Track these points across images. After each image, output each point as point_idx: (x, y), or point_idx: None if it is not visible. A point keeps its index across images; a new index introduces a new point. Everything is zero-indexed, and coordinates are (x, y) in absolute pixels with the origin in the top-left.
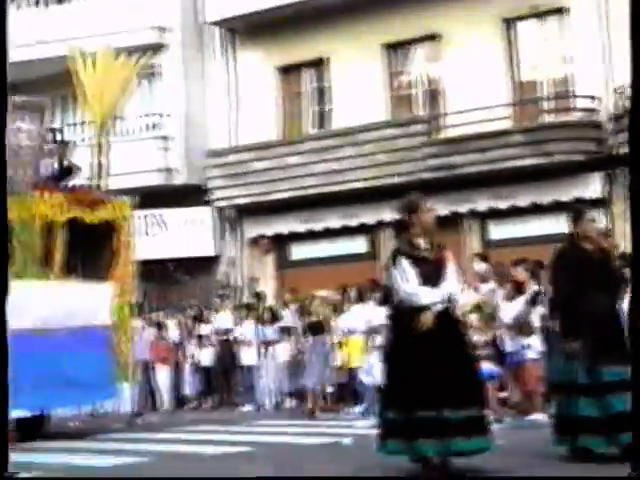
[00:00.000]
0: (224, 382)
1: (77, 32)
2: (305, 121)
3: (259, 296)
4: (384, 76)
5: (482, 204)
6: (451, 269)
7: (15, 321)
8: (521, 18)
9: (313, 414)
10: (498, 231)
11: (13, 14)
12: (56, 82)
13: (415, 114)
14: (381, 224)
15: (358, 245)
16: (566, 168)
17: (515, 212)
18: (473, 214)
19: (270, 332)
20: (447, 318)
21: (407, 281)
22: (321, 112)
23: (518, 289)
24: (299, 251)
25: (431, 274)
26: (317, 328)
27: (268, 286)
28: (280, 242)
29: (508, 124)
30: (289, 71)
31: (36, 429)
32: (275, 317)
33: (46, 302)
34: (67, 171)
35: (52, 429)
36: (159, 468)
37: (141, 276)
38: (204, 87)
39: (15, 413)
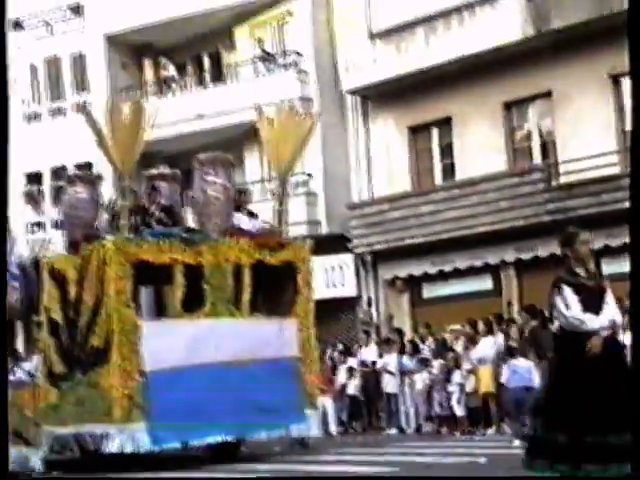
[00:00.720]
0: (369, 408)
1: (232, 106)
2: (434, 173)
3: (400, 331)
4: (503, 130)
5: (597, 243)
6: (610, 296)
7: (211, 354)
8: (625, 74)
9: None
10: (612, 267)
11: (178, 95)
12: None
13: (532, 163)
14: (504, 264)
15: (483, 283)
16: None
17: (627, 249)
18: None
19: (410, 363)
20: (612, 343)
21: (570, 308)
22: (448, 165)
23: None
24: (430, 290)
25: (592, 301)
26: None
27: (404, 322)
28: (413, 282)
29: (617, 169)
30: (418, 130)
31: (231, 453)
32: (415, 349)
33: (238, 337)
34: (250, 216)
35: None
36: None
37: None
38: (344, 147)
39: (212, 438)
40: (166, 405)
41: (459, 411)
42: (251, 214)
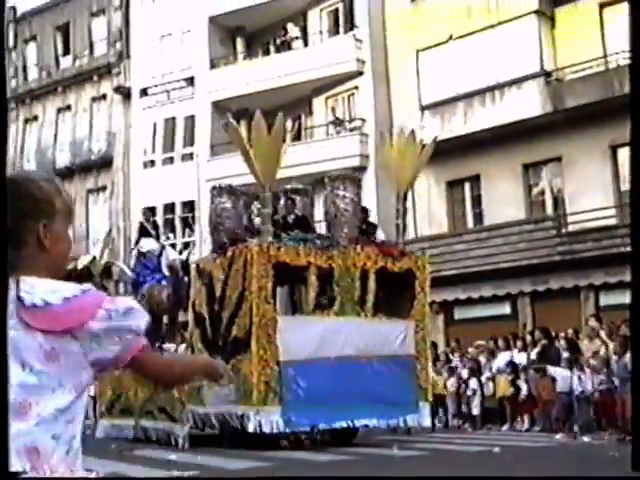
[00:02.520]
0: None
1: (305, 160)
2: (466, 219)
3: (435, 345)
4: (522, 186)
5: (597, 279)
6: None
7: (338, 349)
8: (623, 145)
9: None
10: (609, 299)
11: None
12: None
13: (546, 214)
14: (521, 294)
15: (504, 309)
16: None
17: (622, 285)
18: (590, 287)
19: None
20: None
21: None
22: (478, 213)
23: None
24: (461, 313)
25: None
26: None
27: (438, 338)
28: (447, 306)
29: (614, 221)
30: (454, 184)
31: (347, 438)
32: (447, 359)
33: (362, 335)
34: (371, 229)
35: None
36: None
37: None
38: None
39: (338, 423)
40: (298, 392)
41: (475, 410)
42: (373, 226)
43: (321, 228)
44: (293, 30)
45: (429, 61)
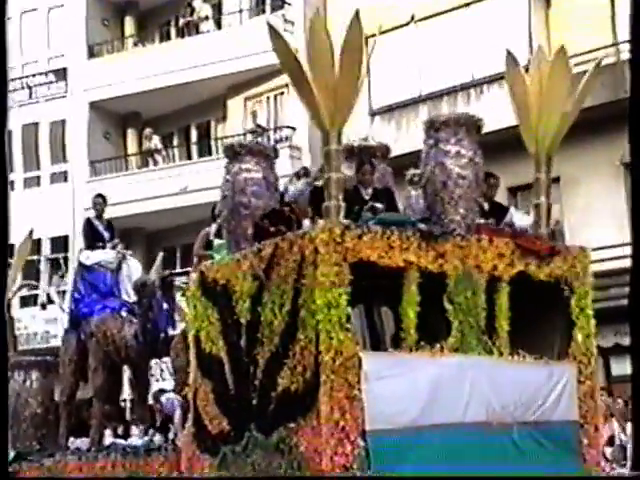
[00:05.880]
0: None
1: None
2: None
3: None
4: None
5: (606, 341)
6: None
7: (460, 410)
8: None
9: None
10: (621, 367)
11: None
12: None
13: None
14: None
15: None
16: None
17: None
18: (597, 350)
19: None
20: None
21: None
22: None
23: None
24: None
25: None
26: None
27: None
28: None
29: (628, 263)
30: None
31: None
32: None
33: (497, 386)
34: (499, 211)
35: None
36: None
37: None
38: None
39: None
40: None
41: None
42: (501, 207)
43: None
44: (202, 8)
45: (383, 50)
